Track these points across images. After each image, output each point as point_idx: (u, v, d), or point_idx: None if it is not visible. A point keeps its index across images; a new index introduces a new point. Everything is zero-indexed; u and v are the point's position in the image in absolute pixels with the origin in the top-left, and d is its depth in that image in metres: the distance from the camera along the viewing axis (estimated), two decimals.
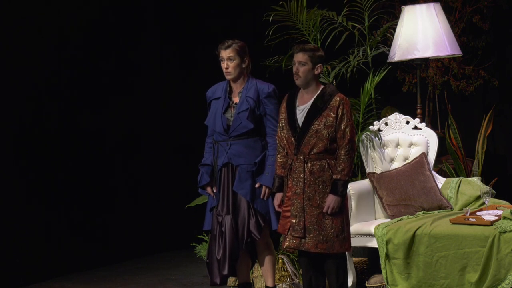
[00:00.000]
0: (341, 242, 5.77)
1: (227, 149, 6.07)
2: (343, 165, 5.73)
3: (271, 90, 6.08)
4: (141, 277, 7.76)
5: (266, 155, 6.06)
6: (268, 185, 6.02)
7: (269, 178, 6.02)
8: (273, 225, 6.06)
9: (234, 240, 6.04)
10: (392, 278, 6.26)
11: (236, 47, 6.07)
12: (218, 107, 6.12)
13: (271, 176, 6.01)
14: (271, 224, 6.07)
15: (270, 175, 6.02)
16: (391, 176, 6.79)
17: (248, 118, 6.02)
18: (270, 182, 6.01)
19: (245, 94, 6.06)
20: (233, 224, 6.04)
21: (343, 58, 7.42)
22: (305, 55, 5.78)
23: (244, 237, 6.05)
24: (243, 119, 6.02)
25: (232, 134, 6.06)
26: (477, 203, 6.60)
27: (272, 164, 6.02)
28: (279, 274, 6.87)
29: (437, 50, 7.08)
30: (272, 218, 6.06)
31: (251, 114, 6.02)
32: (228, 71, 6.07)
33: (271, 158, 6.03)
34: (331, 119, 5.73)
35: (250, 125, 6.02)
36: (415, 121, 7.00)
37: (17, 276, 7.51)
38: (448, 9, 8.09)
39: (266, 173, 6.03)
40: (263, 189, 6.04)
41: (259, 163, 6.05)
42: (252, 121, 6.02)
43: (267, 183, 6.02)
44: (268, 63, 7.42)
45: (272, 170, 6.01)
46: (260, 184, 6.03)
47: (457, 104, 8.40)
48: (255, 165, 6.03)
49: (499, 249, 5.92)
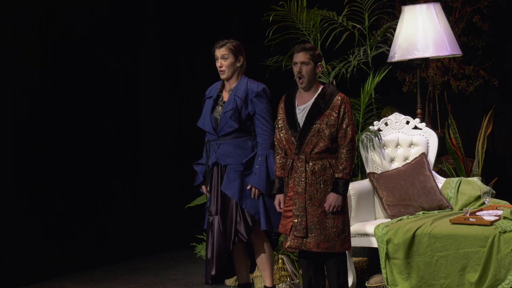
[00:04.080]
0: (342, 241, 5.78)
1: (216, 149, 6.08)
2: (345, 164, 5.73)
3: (261, 89, 6.07)
4: (141, 277, 7.76)
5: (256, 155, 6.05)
6: (255, 186, 6.00)
7: (256, 178, 5.99)
8: (262, 226, 6.03)
9: (221, 241, 6.03)
10: (392, 278, 6.26)
11: (230, 46, 6.07)
12: (208, 106, 6.14)
13: (259, 176, 5.98)
14: (260, 224, 6.04)
15: (258, 175, 5.99)
16: (391, 176, 6.79)
17: (232, 118, 6.01)
18: (258, 182, 5.99)
19: (234, 93, 6.06)
20: (220, 224, 6.03)
21: (343, 58, 7.42)
22: (307, 55, 5.78)
23: (231, 238, 6.03)
24: (228, 119, 6.02)
25: (220, 133, 6.07)
26: (477, 203, 6.60)
27: (260, 164, 5.99)
28: (279, 274, 6.87)
29: (437, 50, 7.09)
30: (261, 218, 6.03)
31: (235, 113, 6.01)
32: (222, 70, 6.08)
33: (259, 158, 6.01)
34: (333, 119, 5.73)
35: (234, 125, 6.02)
36: (415, 121, 7.00)
37: (17, 276, 7.51)
38: (448, 9, 8.09)
39: (254, 173, 6.01)
40: (253, 190, 6.04)
41: (247, 163, 6.03)
42: (236, 121, 6.01)
43: (254, 183, 6.00)
44: (268, 63, 7.42)
45: (259, 170, 5.98)
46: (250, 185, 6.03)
47: (457, 104, 8.39)
48: (242, 165, 6.02)
49: (499, 249, 5.92)
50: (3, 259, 7.44)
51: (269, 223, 6.02)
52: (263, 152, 6.00)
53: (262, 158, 6.00)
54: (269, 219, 6.01)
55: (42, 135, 7.85)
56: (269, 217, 6.01)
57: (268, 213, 6.01)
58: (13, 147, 7.63)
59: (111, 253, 8.36)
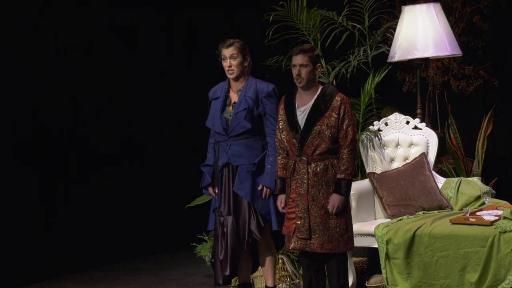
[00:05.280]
0: (346, 241, 5.77)
1: (227, 150, 6.06)
2: (347, 165, 5.73)
3: (271, 89, 6.07)
4: (141, 277, 7.76)
5: (266, 155, 6.06)
6: (267, 186, 6.01)
7: (268, 178, 6.01)
8: (274, 226, 6.06)
9: (235, 241, 6.04)
10: (392, 278, 6.26)
11: (238, 45, 6.07)
12: (217, 107, 6.12)
13: (271, 176, 6.00)
14: (272, 225, 6.07)
15: (269, 175, 6.01)
16: (391, 176, 6.79)
17: (246, 118, 6.01)
18: (270, 182, 6.00)
19: (244, 94, 6.05)
20: (234, 224, 6.04)
21: (343, 58, 7.42)
22: (306, 57, 5.76)
23: (245, 238, 6.05)
24: (241, 119, 6.01)
25: (231, 134, 6.06)
26: (477, 203, 6.60)
27: (271, 164, 6.01)
28: (279, 274, 6.87)
29: (437, 50, 7.08)
30: (273, 218, 6.06)
31: (249, 114, 6.01)
32: (231, 69, 6.06)
33: (270, 158, 6.02)
34: (334, 120, 5.73)
35: (248, 125, 6.01)
36: (415, 121, 7.00)
37: (17, 276, 7.51)
38: (448, 9, 8.09)
39: (266, 173, 6.02)
40: (264, 190, 6.04)
41: (259, 164, 6.04)
42: (250, 121, 6.01)
43: (266, 183, 6.01)
44: (268, 63, 7.42)
45: (271, 171, 6.00)
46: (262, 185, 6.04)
47: (457, 104, 8.40)
48: (254, 166, 6.03)
49: (499, 249, 5.92)
50: (3, 259, 7.44)
51: (280, 223, 6.03)
52: (274, 152, 6.00)
53: (274, 158, 6.00)
54: (280, 219, 6.02)
55: (42, 134, 7.85)
56: (280, 217, 6.02)
57: (280, 213, 6.02)
58: (13, 146, 7.63)
59: (111, 253, 8.36)
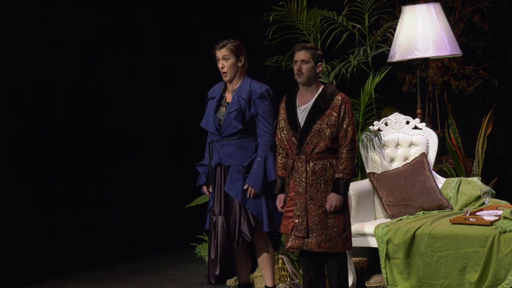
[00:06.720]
0: (344, 241, 5.78)
1: (219, 150, 6.07)
2: (345, 164, 5.74)
3: (264, 90, 6.06)
4: (141, 277, 7.76)
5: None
6: (251, 185, 5.99)
7: (253, 178, 5.99)
8: (265, 227, 6.03)
9: (225, 241, 6.03)
10: (392, 278, 6.26)
11: (231, 47, 6.06)
12: (212, 107, 6.13)
13: (256, 176, 5.98)
14: (263, 226, 6.04)
15: (254, 175, 5.99)
16: (391, 176, 6.79)
17: (236, 119, 6.00)
18: (254, 182, 5.98)
19: (237, 94, 6.06)
20: (225, 224, 6.03)
21: (343, 58, 7.42)
22: (307, 53, 5.78)
23: (235, 238, 6.04)
24: (232, 120, 6.01)
25: (224, 134, 6.06)
26: (477, 203, 6.60)
27: (258, 164, 5.99)
28: (279, 274, 6.87)
29: (437, 50, 7.09)
30: (264, 219, 6.04)
31: (239, 114, 6.01)
32: (224, 71, 6.07)
33: (258, 159, 6.01)
34: (334, 119, 5.73)
35: (238, 126, 6.01)
36: (415, 121, 7.00)
37: (17, 276, 7.51)
38: (448, 9, 8.09)
39: (251, 173, 6.01)
40: (249, 189, 6.03)
41: (249, 166, 6.03)
42: (240, 121, 6.01)
43: (250, 183, 5.99)
44: (268, 63, 7.42)
45: (257, 170, 5.98)
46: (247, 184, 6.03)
47: (457, 104, 8.39)
48: (244, 168, 6.02)
49: (499, 249, 5.92)
50: (3, 259, 7.44)
51: (272, 225, 6.02)
52: (263, 153, 6.00)
53: (261, 159, 5.99)
54: (272, 221, 6.01)
55: (42, 134, 7.85)
56: (272, 218, 6.01)
57: (272, 214, 6.01)
58: (13, 146, 7.63)
59: (111, 253, 8.36)
